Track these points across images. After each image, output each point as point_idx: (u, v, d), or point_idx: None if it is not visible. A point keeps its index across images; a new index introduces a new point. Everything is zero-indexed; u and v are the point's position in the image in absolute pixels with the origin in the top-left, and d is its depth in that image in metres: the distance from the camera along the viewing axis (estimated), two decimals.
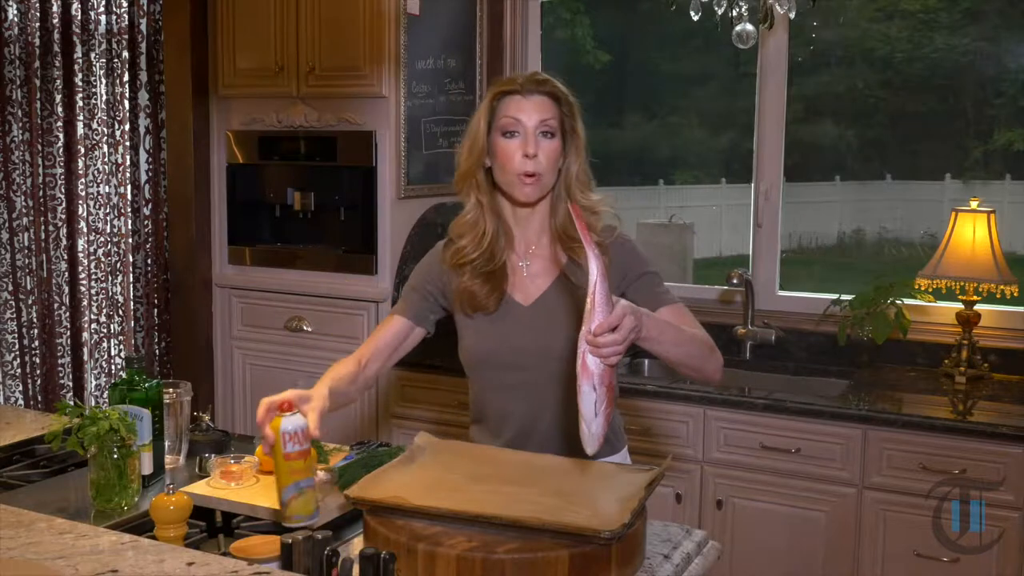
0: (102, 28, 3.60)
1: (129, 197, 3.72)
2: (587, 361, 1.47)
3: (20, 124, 3.41)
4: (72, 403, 1.88)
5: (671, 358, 1.72)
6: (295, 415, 1.62)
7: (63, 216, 3.53)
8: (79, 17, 3.52)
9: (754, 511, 2.86)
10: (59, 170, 3.50)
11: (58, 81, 3.47)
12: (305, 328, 3.52)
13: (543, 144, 1.81)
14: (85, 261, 3.60)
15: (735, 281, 3.31)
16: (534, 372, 1.86)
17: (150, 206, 3.77)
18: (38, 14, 3.41)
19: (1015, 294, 2.97)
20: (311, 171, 3.50)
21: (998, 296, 2.97)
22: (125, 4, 3.62)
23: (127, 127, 3.68)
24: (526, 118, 1.80)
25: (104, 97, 3.63)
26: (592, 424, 1.50)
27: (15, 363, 3.45)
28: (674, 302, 1.86)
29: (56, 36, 3.46)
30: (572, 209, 1.58)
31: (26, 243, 3.44)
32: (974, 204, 3.05)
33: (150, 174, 3.76)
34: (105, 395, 3.64)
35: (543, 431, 1.89)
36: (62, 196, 3.52)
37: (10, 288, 3.43)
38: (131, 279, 3.76)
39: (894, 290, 3.14)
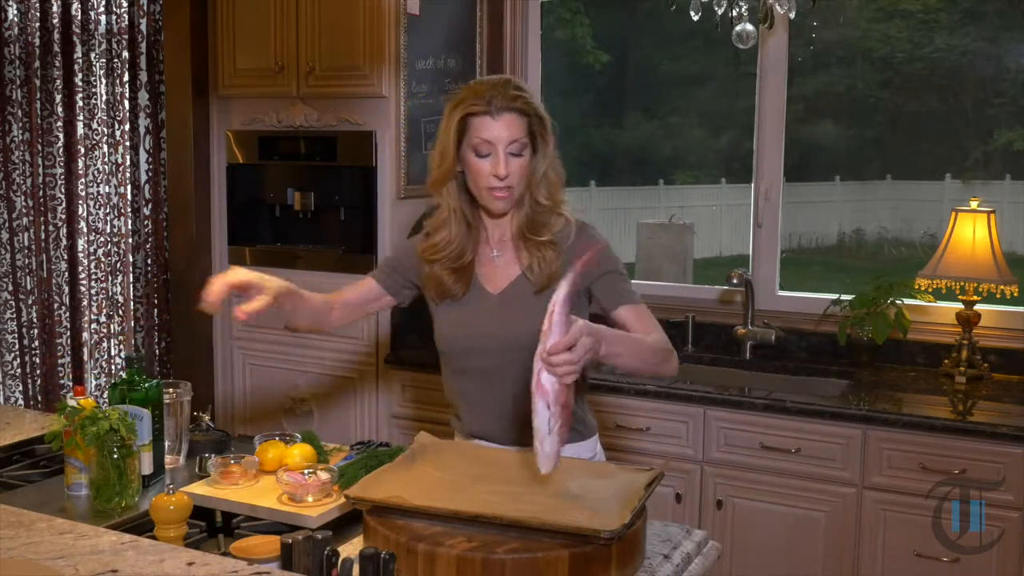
0: (102, 28, 3.60)
1: (129, 197, 3.72)
2: (542, 379, 1.47)
3: (20, 124, 3.41)
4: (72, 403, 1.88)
5: (628, 368, 1.81)
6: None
7: (63, 216, 3.52)
8: (79, 17, 3.52)
9: (754, 511, 2.86)
10: (59, 170, 3.50)
11: (58, 81, 3.47)
12: None
13: (513, 162, 1.85)
14: (85, 261, 3.60)
15: (735, 281, 3.31)
16: (499, 358, 1.90)
17: (150, 206, 3.77)
18: (38, 14, 3.41)
19: (1015, 294, 2.97)
20: (311, 171, 3.50)
21: (998, 296, 2.97)
22: (125, 4, 3.62)
23: (127, 127, 3.68)
24: (497, 139, 1.85)
25: (104, 97, 3.63)
26: (545, 442, 1.49)
27: (15, 363, 3.45)
28: (636, 302, 1.91)
29: (56, 36, 3.45)
30: (589, 253, 1.61)
31: (26, 243, 3.44)
32: (974, 204, 3.05)
33: (150, 174, 3.76)
34: (105, 395, 3.64)
35: (508, 418, 1.93)
36: (62, 196, 3.51)
37: (10, 288, 3.42)
38: (131, 279, 3.76)
39: (894, 290, 3.14)
